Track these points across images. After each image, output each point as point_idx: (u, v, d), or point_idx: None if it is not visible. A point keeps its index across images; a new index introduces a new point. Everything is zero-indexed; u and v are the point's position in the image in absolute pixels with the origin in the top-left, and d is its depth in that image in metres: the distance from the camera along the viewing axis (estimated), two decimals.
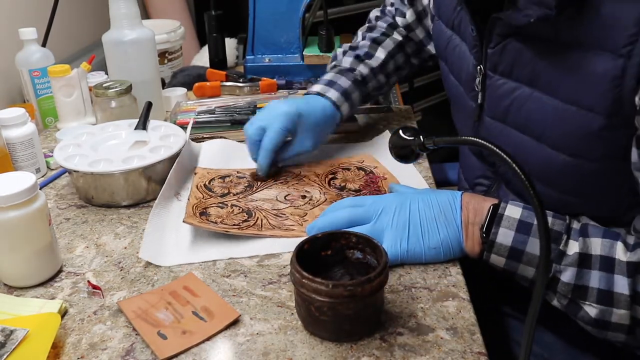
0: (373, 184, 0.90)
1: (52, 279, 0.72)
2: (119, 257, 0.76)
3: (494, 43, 0.71)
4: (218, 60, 1.42)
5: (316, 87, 0.97)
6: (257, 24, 1.31)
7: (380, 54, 1.02)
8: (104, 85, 1.04)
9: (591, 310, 0.62)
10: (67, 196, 0.91)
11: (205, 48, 1.47)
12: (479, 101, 0.77)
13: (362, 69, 1.00)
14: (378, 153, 1.00)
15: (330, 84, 0.97)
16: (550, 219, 0.64)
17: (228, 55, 1.45)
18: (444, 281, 0.69)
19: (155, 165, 0.87)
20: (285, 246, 0.76)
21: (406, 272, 0.70)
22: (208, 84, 1.29)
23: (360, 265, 0.65)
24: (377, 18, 1.10)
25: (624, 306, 0.60)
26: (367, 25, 1.10)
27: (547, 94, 0.66)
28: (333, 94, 0.95)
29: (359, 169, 0.95)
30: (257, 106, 1.14)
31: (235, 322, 0.63)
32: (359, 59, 1.01)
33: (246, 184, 0.90)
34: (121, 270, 0.73)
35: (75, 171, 0.86)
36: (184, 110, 1.14)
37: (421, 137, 0.67)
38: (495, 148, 0.51)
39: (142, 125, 0.96)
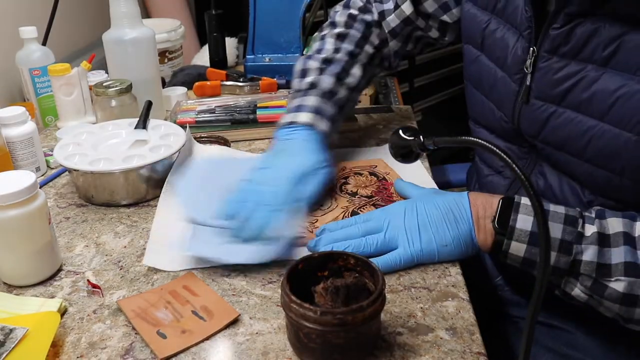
0: (385, 191, 0.87)
1: (51, 277, 0.72)
2: (118, 256, 0.76)
3: (560, 24, 0.67)
4: (218, 59, 1.42)
5: (305, 117, 0.87)
6: (258, 23, 1.31)
7: (357, 71, 0.94)
8: (104, 84, 1.04)
9: (619, 285, 0.61)
10: (67, 195, 0.91)
11: (206, 47, 1.47)
12: (527, 83, 0.74)
13: (342, 93, 0.92)
14: (390, 158, 0.98)
15: (319, 112, 0.88)
16: (562, 209, 0.65)
17: (228, 54, 1.45)
18: (443, 281, 0.69)
19: (155, 164, 0.87)
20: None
21: (406, 272, 0.70)
22: (208, 83, 1.29)
23: (358, 289, 0.61)
24: (352, 18, 0.98)
25: None
26: (336, 31, 0.97)
27: (623, 72, 0.63)
28: (325, 125, 0.88)
29: (371, 174, 0.92)
30: (257, 105, 1.14)
31: (234, 322, 0.63)
32: (339, 80, 0.92)
33: None
34: (121, 269, 0.73)
35: (75, 170, 0.86)
36: (184, 109, 1.14)
37: (421, 137, 0.67)
38: (495, 148, 0.51)
39: (142, 124, 0.96)
